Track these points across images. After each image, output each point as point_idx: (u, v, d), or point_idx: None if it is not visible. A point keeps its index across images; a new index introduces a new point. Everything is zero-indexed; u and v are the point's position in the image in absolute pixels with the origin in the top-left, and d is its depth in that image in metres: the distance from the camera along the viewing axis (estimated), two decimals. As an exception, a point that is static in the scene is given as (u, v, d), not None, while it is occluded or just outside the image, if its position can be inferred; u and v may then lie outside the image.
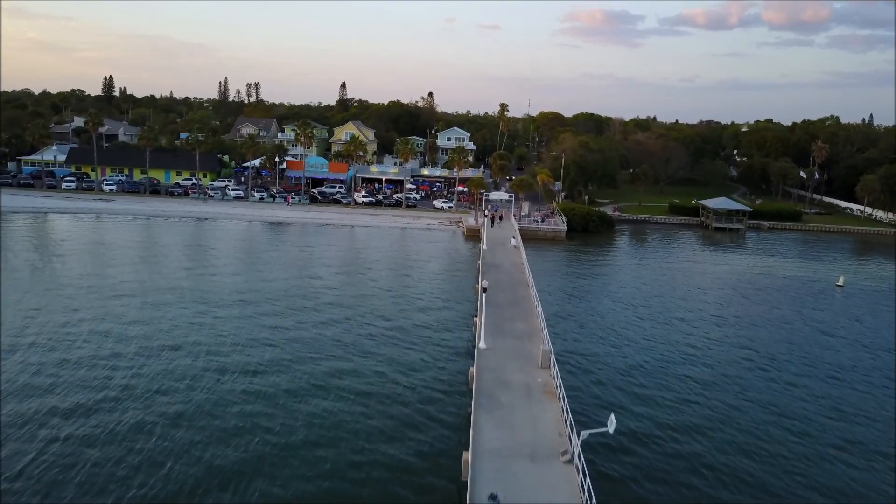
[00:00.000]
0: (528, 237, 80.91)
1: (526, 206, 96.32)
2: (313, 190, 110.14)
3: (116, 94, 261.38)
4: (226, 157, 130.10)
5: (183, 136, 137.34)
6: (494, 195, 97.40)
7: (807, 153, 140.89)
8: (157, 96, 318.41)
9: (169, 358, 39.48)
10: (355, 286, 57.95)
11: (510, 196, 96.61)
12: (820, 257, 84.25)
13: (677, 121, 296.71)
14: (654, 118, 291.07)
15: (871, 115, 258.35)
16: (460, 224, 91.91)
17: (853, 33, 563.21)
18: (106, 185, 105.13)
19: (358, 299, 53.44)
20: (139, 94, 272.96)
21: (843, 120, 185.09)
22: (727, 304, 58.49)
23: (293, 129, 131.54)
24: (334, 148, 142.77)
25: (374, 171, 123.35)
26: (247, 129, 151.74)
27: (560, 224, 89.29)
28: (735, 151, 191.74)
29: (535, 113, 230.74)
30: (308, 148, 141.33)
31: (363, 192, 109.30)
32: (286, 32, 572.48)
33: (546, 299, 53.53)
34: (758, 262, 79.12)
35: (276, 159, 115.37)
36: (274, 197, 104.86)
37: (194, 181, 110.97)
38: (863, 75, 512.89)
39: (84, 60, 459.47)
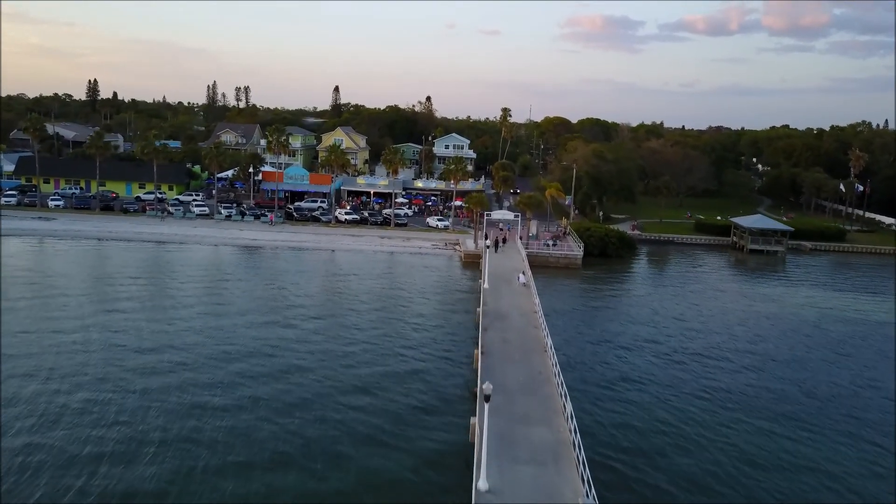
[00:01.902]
0: (538, 265, 67.70)
1: (534, 226, 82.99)
2: (289, 206, 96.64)
3: (109, 98, 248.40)
4: (197, 168, 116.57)
5: (158, 143, 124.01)
6: (497, 214, 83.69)
7: (839, 162, 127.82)
8: (150, 101, 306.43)
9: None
10: (322, 340, 44.66)
11: (516, 215, 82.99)
12: (883, 289, 70.88)
13: (684, 126, 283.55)
14: (662, 123, 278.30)
15: (886, 120, 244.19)
16: (457, 247, 78.57)
17: (853, 39, 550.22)
18: (52, 200, 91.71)
19: (323, 362, 40.21)
20: (139, 100, 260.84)
21: (846, 125, 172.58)
22: (806, 362, 45.12)
23: (264, 136, 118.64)
24: (322, 156, 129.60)
25: (362, 182, 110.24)
26: (227, 136, 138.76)
27: (575, 248, 75.88)
28: (755, 159, 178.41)
29: (537, 118, 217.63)
30: (293, 156, 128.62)
31: (347, 208, 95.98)
32: (286, 35, 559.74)
33: (570, 359, 40.33)
34: (814, 295, 65.75)
35: (251, 170, 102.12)
36: (243, 214, 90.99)
37: (158, 195, 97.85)
38: (863, 81, 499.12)
39: (86, 65, 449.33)
